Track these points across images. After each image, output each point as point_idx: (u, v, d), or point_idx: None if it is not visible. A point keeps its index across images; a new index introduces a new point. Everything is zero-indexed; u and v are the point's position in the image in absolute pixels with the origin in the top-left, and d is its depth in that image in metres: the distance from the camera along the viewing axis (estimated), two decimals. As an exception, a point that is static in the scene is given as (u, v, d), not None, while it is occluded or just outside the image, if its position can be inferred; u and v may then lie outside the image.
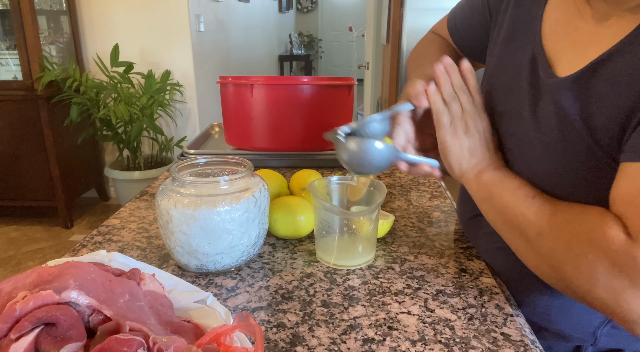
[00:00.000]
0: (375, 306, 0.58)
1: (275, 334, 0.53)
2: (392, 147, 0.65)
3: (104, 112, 2.54)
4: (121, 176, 2.75)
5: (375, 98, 3.43)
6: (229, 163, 0.69)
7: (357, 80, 1.16)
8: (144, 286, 0.46)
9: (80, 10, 2.84)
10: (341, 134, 0.65)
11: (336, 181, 0.73)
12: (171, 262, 0.69)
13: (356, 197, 0.73)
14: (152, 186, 0.98)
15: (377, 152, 0.64)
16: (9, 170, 2.65)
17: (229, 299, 0.60)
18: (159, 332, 0.40)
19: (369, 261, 0.69)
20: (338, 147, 0.66)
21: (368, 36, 3.41)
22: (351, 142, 0.64)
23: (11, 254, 2.51)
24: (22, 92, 2.53)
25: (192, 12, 2.89)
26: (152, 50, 2.90)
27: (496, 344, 0.51)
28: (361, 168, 0.65)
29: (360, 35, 4.69)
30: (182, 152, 1.10)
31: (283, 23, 6.83)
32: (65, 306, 0.38)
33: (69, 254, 0.68)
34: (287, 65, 6.76)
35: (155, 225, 0.80)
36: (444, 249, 0.72)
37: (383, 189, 0.69)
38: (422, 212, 0.86)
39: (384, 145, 0.64)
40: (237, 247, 0.63)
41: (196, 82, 2.99)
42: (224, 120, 1.13)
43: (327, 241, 0.69)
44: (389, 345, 0.51)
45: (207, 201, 0.60)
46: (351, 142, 0.64)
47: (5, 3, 2.49)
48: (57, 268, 0.42)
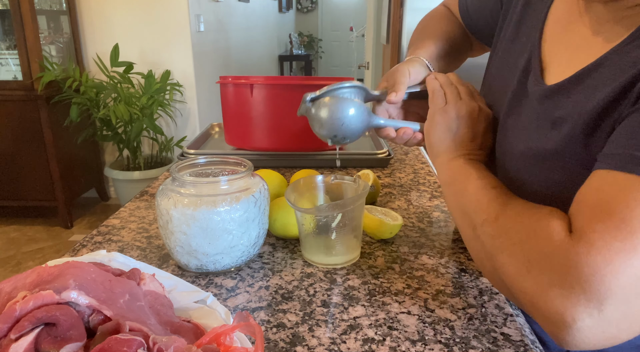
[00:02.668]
0: (375, 306, 0.58)
1: (275, 334, 0.53)
2: (365, 108, 0.64)
3: (104, 112, 2.54)
4: (121, 176, 2.75)
5: (375, 98, 3.43)
6: (229, 163, 0.69)
7: (357, 80, 1.16)
8: (144, 286, 0.46)
9: (80, 10, 2.84)
10: (308, 99, 0.64)
11: (321, 180, 0.73)
12: (171, 262, 0.69)
13: (341, 196, 0.73)
14: (152, 186, 0.98)
15: (348, 108, 0.63)
16: (9, 170, 2.65)
17: (229, 299, 0.60)
18: (159, 332, 0.40)
19: (347, 260, 0.68)
20: (309, 115, 0.65)
21: (368, 36, 3.41)
22: (323, 100, 0.63)
23: (11, 254, 2.51)
24: (22, 92, 2.53)
25: (192, 12, 2.89)
26: (152, 50, 2.90)
27: (496, 344, 0.51)
28: (334, 131, 0.64)
29: (360, 35, 4.70)
30: (182, 152, 1.10)
31: (283, 23, 6.83)
32: (65, 306, 0.38)
33: (69, 254, 0.68)
34: (287, 65, 6.76)
35: (155, 225, 0.80)
36: (444, 249, 0.72)
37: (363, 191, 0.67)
38: (422, 212, 0.86)
39: (357, 103, 0.63)
40: (237, 247, 0.63)
41: (196, 82, 2.99)
42: (224, 120, 1.13)
43: (301, 237, 0.70)
44: (389, 345, 0.51)
45: (207, 201, 0.60)
46: (323, 101, 0.63)
47: (5, 3, 2.49)
48: (57, 268, 0.42)
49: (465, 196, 0.56)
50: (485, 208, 0.52)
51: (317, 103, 0.64)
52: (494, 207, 0.51)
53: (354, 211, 0.66)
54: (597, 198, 0.43)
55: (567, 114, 0.50)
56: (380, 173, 1.06)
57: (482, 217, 0.52)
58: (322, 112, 0.63)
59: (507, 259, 0.47)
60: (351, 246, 0.68)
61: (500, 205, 0.51)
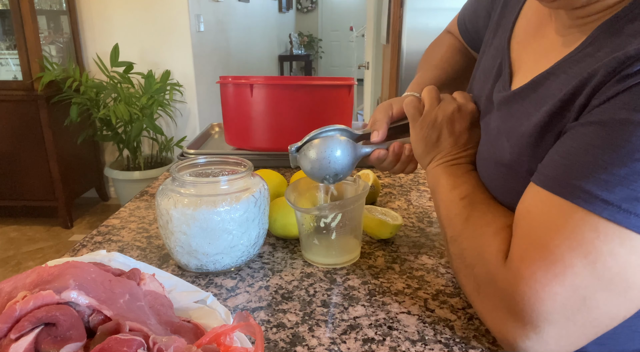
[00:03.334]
0: (375, 306, 0.58)
1: (275, 334, 0.53)
2: (349, 141, 0.65)
3: (104, 112, 2.54)
4: (121, 175, 2.75)
5: (375, 98, 3.43)
6: (229, 163, 0.69)
7: (357, 80, 1.16)
8: (144, 286, 0.46)
9: (80, 10, 2.84)
10: (293, 149, 0.67)
11: None
12: (171, 262, 0.69)
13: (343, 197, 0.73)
14: (152, 186, 0.98)
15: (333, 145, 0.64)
16: (9, 170, 2.65)
17: (229, 299, 0.60)
18: (159, 332, 0.40)
19: (347, 260, 0.68)
20: (300, 164, 0.67)
21: (368, 36, 3.41)
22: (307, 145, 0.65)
23: (11, 254, 2.51)
24: (22, 92, 2.53)
25: (192, 12, 2.89)
26: (152, 50, 2.90)
27: (496, 344, 0.51)
28: (325, 169, 0.65)
29: (360, 35, 4.70)
30: (182, 152, 1.10)
31: (283, 23, 6.83)
32: (65, 306, 0.38)
33: (69, 254, 0.68)
34: (287, 65, 6.76)
35: (155, 225, 0.80)
36: (444, 249, 0.72)
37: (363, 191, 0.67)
38: (422, 212, 0.86)
39: (339, 139, 0.64)
40: (237, 247, 0.63)
41: (196, 82, 2.99)
42: (224, 120, 1.13)
43: (301, 237, 0.70)
44: (389, 345, 0.51)
45: (207, 201, 0.60)
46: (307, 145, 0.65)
47: (5, 3, 2.49)
48: (57, 268, 0.42)
49: (439, 209, 0.58)
50: (451, 224, 0.55)
51: (302, 150, 0.66)
52: (456, 223, 0.54)
53: (354, 211, 0.66)
54: (527, 222, 0.44)
55: (515, 124, 0.50)
56: (380, 173, 1.06)
57: (449, 234, 0.55)
58: (309, 154, 0.65)
59: (464, 280, 0.52)
60: (351, 245, 0.68)
61: (462, 221, 0.53)
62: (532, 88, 0.50)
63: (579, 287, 0.40)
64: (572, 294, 0.40)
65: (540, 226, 0.42)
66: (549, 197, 0.42)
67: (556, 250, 0.41)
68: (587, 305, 0.40)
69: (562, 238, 0.40)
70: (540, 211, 0.43)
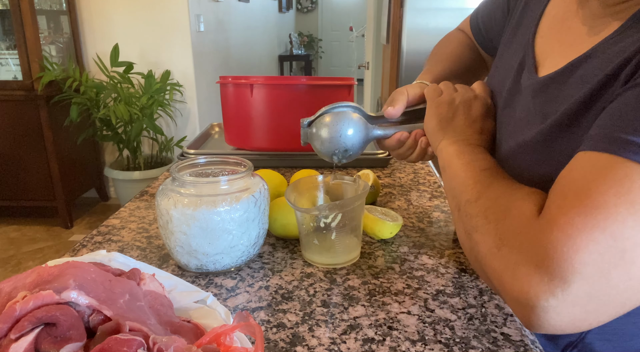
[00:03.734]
0: (375, 306, 0.58)
1: (275, 334, 0.53)
2: (361, 119, 0.65)
3: (104, 112, 2.54)
4: (121, 176, 2.75)
5: (375, 98, 3.43)
6: (229, 163, 0.69)
7: (357, 80, 1.16)
8: (144, 286, 0.46)
9: (80, 10, 2.84)
10: (305, 123, 0.66)
11: (321, 180, 0.73)
12: (171, 262, 0.69)
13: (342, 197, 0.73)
14: (152, 186, 0.98)
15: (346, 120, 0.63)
16: (9, 170, 2.65)
17: (229, 299, 0.60)
18: (159, 332, 0.40)
19: (347, 260, 0.68)
20: (310, 138, 0.66)
21: (368, 36, 3.41)
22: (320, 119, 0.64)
23: (11, 254, 2.51)
24: (22, 92, 2.53)
25: (192, 12, 2.89)
26: (152, 50, 2.90)
27: (496, 344, 0.51)
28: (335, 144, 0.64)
29: (360, 35, 4.70)
30: (182, 152, 1.10)
31: (283, 23, 6.83)
32: (65, 306, 0.38)
33: (69, 254, 0.68)
34: (287, 65, 6.76)
35: (155, 225, 0.80)
36: (444, 249, 0.72)
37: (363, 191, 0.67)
38: (422, 212, 0.86)
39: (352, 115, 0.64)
40: (237, 247, 0.63)
41: (196, 82, 2.99)
42: (224, 120, 1.13)
43: (301, 237, 0.70)
44: (389, 345, 0.51)
45: (207, 201, 0.60)
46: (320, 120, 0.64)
47: (5, 3, 2.49)
48: (57, 268, 0.42)
49: (455, 179, 0.56)
50: (470, 189, 0.52)
51: (314, 123, 0.66)
52: (477, 188, 0.51)
53: (354, 211, 0.66)
54: (568, 178, 0.42)
55: (557, 106, 0.50)
56: (380, 173, 1.06)
57: (466, 198, 0.52)
58: (321, 127, 0.65)
59: (481, 237, 0.47)
60: (351, 246, 0.68)
61: (484, 186, 0.51)
62: (570, 71, 0.50)
63: (621, 236, 0.37)
64: (613, 244, 0.37)
65: (582, 178, 0.40)
66: (596, 155, 0.40)
67: (600, 197, 0.38)
68: (625, 260, 0.37)
69: (607, 186, 0.38)
70: (583, 167, 0.41)
